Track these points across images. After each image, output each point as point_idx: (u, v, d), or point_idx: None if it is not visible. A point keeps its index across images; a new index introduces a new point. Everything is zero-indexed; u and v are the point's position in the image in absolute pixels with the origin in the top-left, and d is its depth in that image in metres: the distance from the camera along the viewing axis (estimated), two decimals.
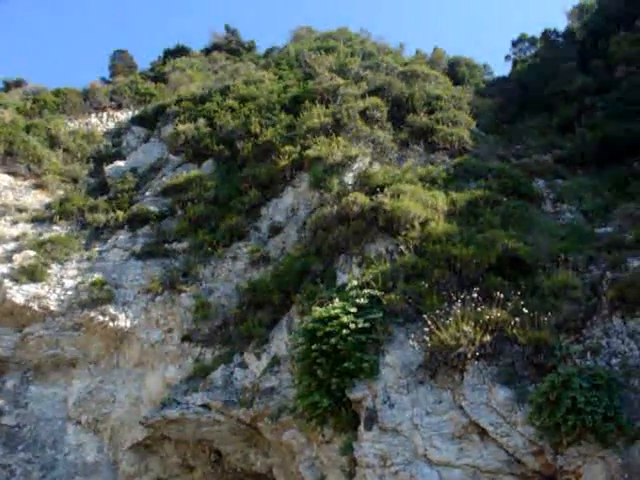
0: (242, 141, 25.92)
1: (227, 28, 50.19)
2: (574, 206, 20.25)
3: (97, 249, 22.88)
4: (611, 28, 34.87)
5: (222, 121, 27.76)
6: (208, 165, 26.41)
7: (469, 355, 13.25)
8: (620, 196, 20.84)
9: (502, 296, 13.87)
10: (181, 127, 28.14)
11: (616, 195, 21.09)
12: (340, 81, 27.56)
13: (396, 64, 31.45)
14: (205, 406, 17.88)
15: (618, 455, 11.26)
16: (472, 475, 12.39)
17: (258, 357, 18.18)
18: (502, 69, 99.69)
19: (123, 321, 20.73)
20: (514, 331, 13.29)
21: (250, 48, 48.34)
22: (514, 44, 44.10)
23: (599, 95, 30.17)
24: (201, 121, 28.37)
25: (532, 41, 43.43)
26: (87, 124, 34.43)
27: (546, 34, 41.74)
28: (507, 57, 43.71)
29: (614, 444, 11.33)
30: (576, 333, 13.66)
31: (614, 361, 12.70)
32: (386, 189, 18.58)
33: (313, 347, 14.32)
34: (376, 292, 15.06)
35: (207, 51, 47.74)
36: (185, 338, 20.19)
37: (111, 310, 20.73)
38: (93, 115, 35.64)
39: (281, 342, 17.92)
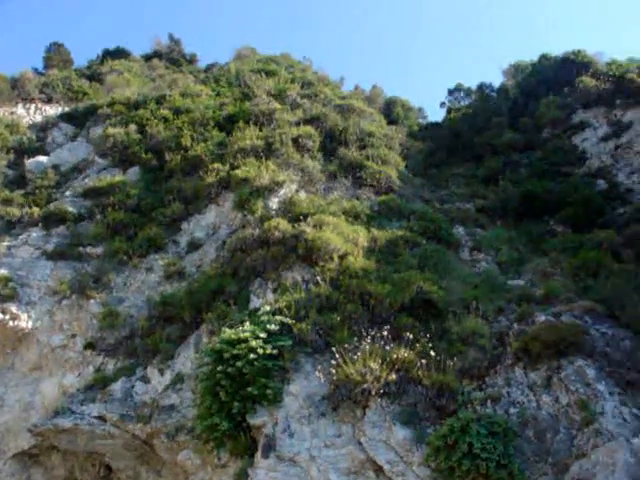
0: (171, 153, 25.62)
1: (171, 37, 50.04)
2: (490, 256, 20.77)
3: (6, 244, 21.94)
4: (542, 91, 36.43)
5: (154, 130, 27.37)
6: (134, 172, 25.92)
7: (373, 392, 13.31)
8: (534, 251, 21.56)
9: (411, 337, 14.03)
10: (111, 130, 27.60)
11: (531, 250, 21.80)
12: (277, 106, 27.66)
13: (334, 96, 31.77)
14: (101, 418, 17.24)
15: None
16: None
17: (161, 373, 17.75)
18: (436, 115, 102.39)
19: (25, 321, 19.86)
20: (419, 372, 13.48)
21: (192, 60, 48.15)
22: (450, 92, 45.51)
23: (525, 152, 31.37)
24: (132, 127, 27.89)
25: (467, 92, 44.85)
26: (12, 113, 33.27)
27: (481, 87, 43.20)
28: (442, 104, 45.02)
29: None
30: (479, 380, 13.96)
31: (512, 410, 13.01)
32: (309, 218, 18.67)
33: (218, 368, 14.14)
34: (288, 320, 15.01)
35: (147, 57, 47.28)
36: (88, 346, 19.53)
37: (13, 309, 19.86)
38: (20, 105, 34.44)
39: (187, 360, 17.57)
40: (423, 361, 13.52)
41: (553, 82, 36.78)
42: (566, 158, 30.09)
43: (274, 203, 21.07)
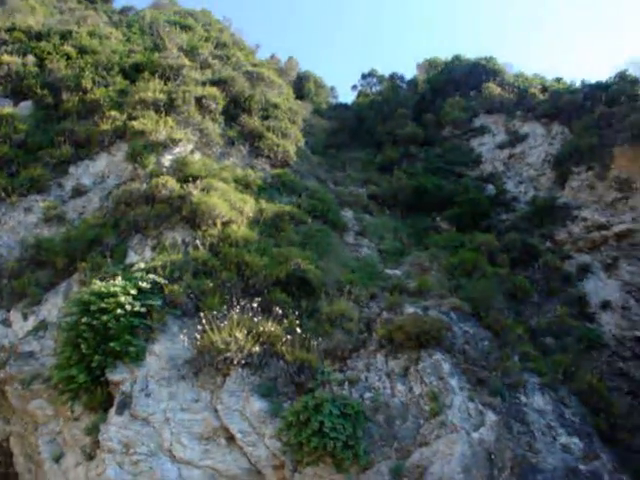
0: (69, 92, 24.35)
1: None
2: (374, 243, 21.19)
3: None
4: (450, 90, 37.28)
5: (54, 65, 25.83)
6: (26, 106, 24.55)
7: (235, 361, 13.38)
8: (417, 244, 22.17)
9: (281, 312, 14.21)
10: (6, 58, 25.85)
11: (414, 242, 22.40)
12: (186, 62, 26.92)
13: (246, 62, 31.37)
14: None
15: None
16: (210, 477, 12.43)
17: (25, 317, 17.06)
18: (347, 97, 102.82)
19: None
20: (284, 348, 13.64)
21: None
22: (363, 77, 45.80)
23: (424, 147, 32.04)
24: (30, 58, 26.27)
25: (380, 79, 45.26)
26: None
27: (393, 77, 43.74)
28: (354, 87, 45.33)
29: (348, 470, 11.96)
30: (341, 362, 14.27)
31: (367, 395, 13.39)
32: (199, 181, 18.43)
33: (83, 320, 13.68)
34: (161, 279, 14.76)
35: None
36: None
37: None
38: None
39: (54, 307, 16.94)
40: (289, 337, 13.72)
41: (462, 84, 37.68)
42: (462, 159, 31.00)
43: (167, 160, 20.59)
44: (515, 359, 15.74)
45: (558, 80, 38.86)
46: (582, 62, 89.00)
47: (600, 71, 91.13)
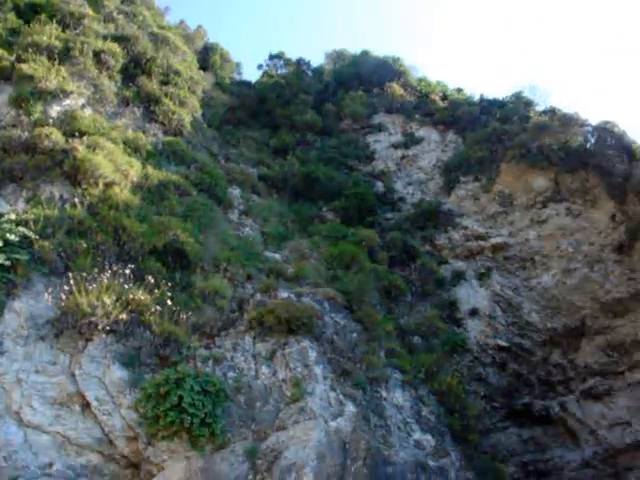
0: None
1: None
2: (257, 224, 21.05)
3: None
4: (354, 84, 37.56)
5: None
6: None
7: (100, 327, 12.88)
8: (301, 231, 22.21)
9: (154, 282, 13.80)
10: None
11: (298, 229, 22.43)
12: (89, 12, 25.61)
13: (152, 23, 30.30)
14: None
15: (202, 458, 11.79)
16: (60, 444, 11.99)
17: None
18: (252, 76, 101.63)
19: None
20: (152, 318, 13.30)
21: None
22: (271, 57, 45.26)
23: (320, 136, 32.14)
24: None
25: (287, 62, 44.90)
26: None
27: (299, 62, 43.57)
28: (260, 66, 44.74)
29: (203, 448, 11.85)
30: (209, 339, 14.11)
31: (231, 374, 13.29)
32: (86, 137, 17.59)
33: None
34: (31, 234, 14.00)
35: None
36: None
37: None
38: None
39: None
40: (159, 308, 13.39)
41: (366, 79, 38.05)
42: (356, 153, 31.35)
43: (54, 111, 19.52)
44: (381, 354, 16.08)
45: (459, 90, 39.99)
46: (488, 76, 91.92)
47: (502, 88, 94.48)
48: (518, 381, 25.43)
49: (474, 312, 24.74)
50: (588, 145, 28.91)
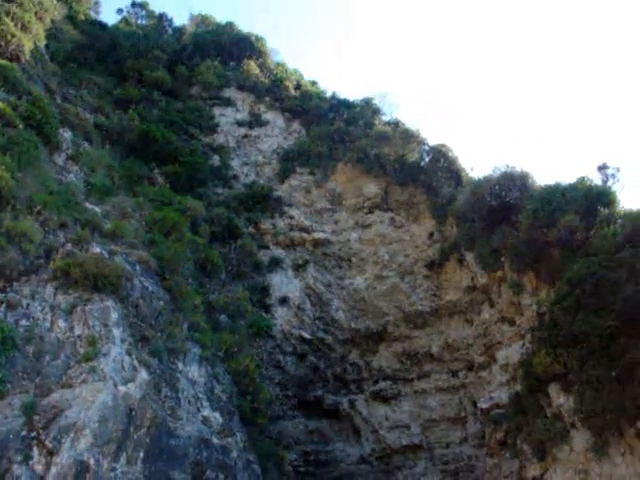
0: None
1: None
2: (84, 173, 20.09)
3: None
4: (212, 52, 36.91)
5: None
6: None
7: None
8: (127, 188, 21.53)
9: None
10: None
11: (125, 185, 21.71)
12: None
13: None
14: None
15: None
16: None
17: None
18: (110, 18, 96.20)
19: None
20: None
21: None
22: (133, 5, 43.62)
23: (167, 97, 31.33)
24: None
25: (150, 14, 43.46)
26: None
27: (162, 17, 42.39)
28: (120, 10, 43.07)
29: None
30: (7, 282, 13.28)
31: (24, 323, 12.63)
32: None
33: None
34: None
35: None
36: None
37: None
38: None
39: None
40: None
41: (225, 51, 37.58)
42: (199, 121, 30.92)
43: None
44: (184, 326, 15.99)
45: (313, 83, 40.57)
46: (346, 75, 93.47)
47: (356, 90, 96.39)
48: (314, 374, 26.35)
49: (284, 301, 25.29)
50: (422, 163, 30.46)
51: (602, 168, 25.92)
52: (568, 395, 18.96)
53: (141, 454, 12.13)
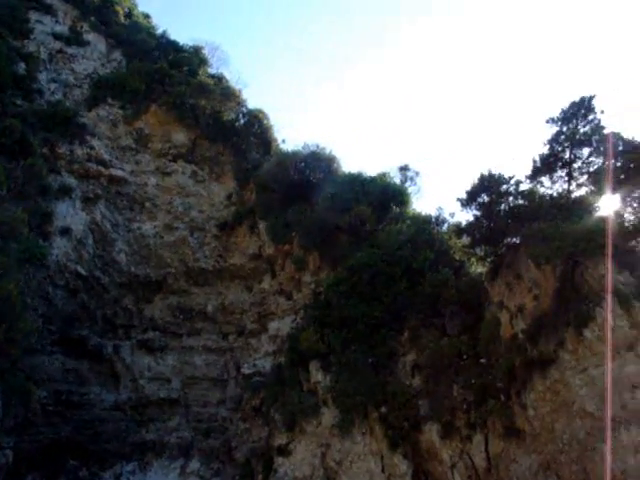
0: None
1: None
2: None
3: None
4: None
5: None
6: None
7: None
8: None
9: None
10: None
11: None
12: None
13: None
14: None
15: None
16: None
17: None
18: None
19: None
20: None
21: None
22: None
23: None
24: None
25: None
26: None
27: None
28: None
29: None
30: None
31: None
32: None
33: None
34: None
35: None
36: None
37: None
38: None
39: None
40: None
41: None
42: (11, 22, 28.05)
43: None
44: None
45: (146, 17, 38.53)
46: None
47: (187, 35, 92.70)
48: (83, 312, 25.29)
49: (66, 232, 23.99)
50: (237, 124, 30.25)
51: (403, 169, 27.48)
52: (326, 374, 19.97)
53: None
